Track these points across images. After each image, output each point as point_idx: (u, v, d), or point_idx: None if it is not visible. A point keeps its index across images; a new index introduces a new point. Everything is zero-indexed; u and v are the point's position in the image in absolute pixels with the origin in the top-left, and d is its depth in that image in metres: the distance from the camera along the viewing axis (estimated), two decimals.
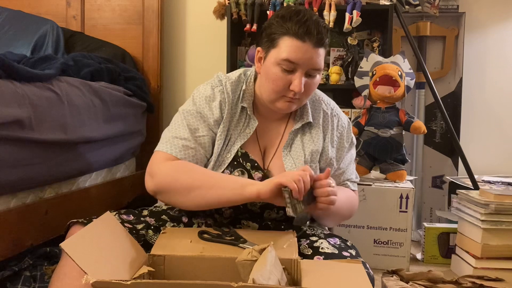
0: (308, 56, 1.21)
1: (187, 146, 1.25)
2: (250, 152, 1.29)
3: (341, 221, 1.43)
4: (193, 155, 1.25)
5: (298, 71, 1.22)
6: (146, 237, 1.22)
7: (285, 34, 1.21)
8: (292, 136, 1.33)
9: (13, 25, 2.33)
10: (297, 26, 1.19)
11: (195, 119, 1.29)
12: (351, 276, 0.99)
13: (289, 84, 1.23)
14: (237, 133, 1.30)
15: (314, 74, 1.25)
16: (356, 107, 2.41)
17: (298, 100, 1.27)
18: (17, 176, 1.37)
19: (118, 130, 1.98)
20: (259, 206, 1.29)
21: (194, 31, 2.74)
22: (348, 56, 2.45)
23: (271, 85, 1.25)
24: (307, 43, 1.20)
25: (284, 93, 1.25)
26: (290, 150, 1.32)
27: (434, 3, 2.46)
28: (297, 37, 1.20)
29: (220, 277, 0.94)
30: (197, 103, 1.30)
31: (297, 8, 1.25)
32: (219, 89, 1.31)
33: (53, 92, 1.54)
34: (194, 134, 1.27)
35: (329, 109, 1.39)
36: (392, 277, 1.60)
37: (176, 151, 1.25)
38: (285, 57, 1.21)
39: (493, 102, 2.61)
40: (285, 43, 1.21)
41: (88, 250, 0.91)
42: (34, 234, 1.48)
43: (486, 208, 1.75)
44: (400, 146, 2.12)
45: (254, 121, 1.31)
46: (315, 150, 1.32)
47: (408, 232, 1.96)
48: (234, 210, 1.30)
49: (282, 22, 1.22)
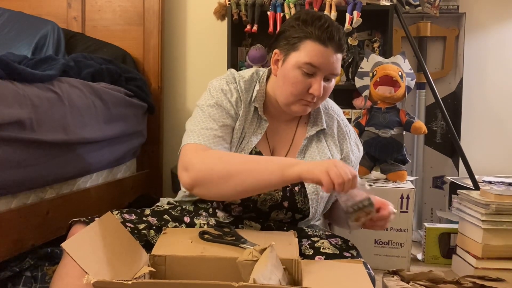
0: (330, 61, 1.22)
1: (216, 135, 1.22)
2: (263, 151, 1.31)
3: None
4: (222, 143, 1.23)
5: (318, 75, 1.23)
6: (148, 237, 1.22)
7: (307, 38, 1.21)
8: (306, 142, 1.34)
9: (14, 26, 2.33)
10: (320, 31, 1.20)
11: (216, 110, 1.26)
12: (352, 276, 0.99)
13: (308, 87, 1.24)
14: (251, 132, 1.30)
15: (331, 78, 1.27)
16: (357, 107, 2.41)
17: (315, 104, 1.28)
18: (18, 177, 1.37)
19: (119, 130, 1.98)
20: (268, 206, 1.29)
21: (194, 31, 2.74)
22: (349, 57, 2.45)
23: (290, 88, 1.25)
24: (329, 48, 1.21)
25: (303, 96, 1.25)
26: (304, 156, 1.32)
27: (434, 3, 2.46)
28: (320, 42, 1.20)
29: (221, 277, 0.94)
30: (215, 96, 1.29)
31: (317, 13, 1.26)
32: (234, 86, 1.31)
33: (54, 93, 1.54)
34: (219, 124, 1.25)
35: (341, 120, 1.40)
36: (393, 278, 1.60)
37: (206, 141, 1.21)
38: (307, 61, 1.21)
39: (494, 102, 2.61)
40: (307, 47, 1.21)
41: (89, 250, 0.91)
42: (35, 235, 1.48)
43: (486, 208, 1.75)
44: (401, 146, 2.12)
45: (265, 122, 1.32)
46: (331, 158, 1.32)
47: (409, 232, 1.95)
48: (243, 209, 1.29)
49: (304, 26, 1.22)
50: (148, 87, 2.41)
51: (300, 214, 1.31)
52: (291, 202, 1.29)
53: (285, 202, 1.29)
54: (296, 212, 1.30)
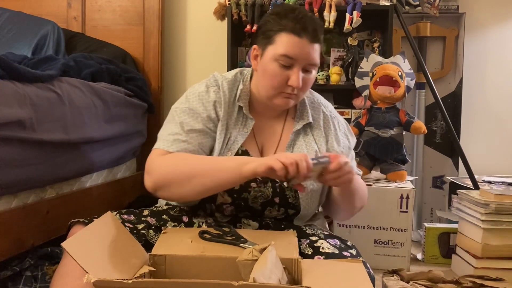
0: (305, 51, 1.23)
1: (179, 140, 1.25)
2: (250, 150, 1.31)
3: (354, 209, 1.39)
4: (185, 148, 1.25)
5: (295, 67, 1.24)
6: (147, 236, 1.22)
7: (282, 30, 1.23)
8: (293, 137, 1.34)
9: (14, 26, 2.33)
10: (293, 22, 1.22)
11: (187, 115, 1.29)
12: (352, 276, 0.99)
13: (287, 79, 1.25)
14: (236, 132, 1.31)
15: (310, 69, 1.27)
16: (357, 107, 2.41)
17: (296, 96, 1.28)
18: (18, 176, 1.37)
19: (119, 130, 1.98)
20: (260, 203, 1.29)
21: (194, 31, 2.75)
22: (349, 57, 2.45)
23: (269, 81, 1.27)
24: (304, 38, 1.22)
25: (283, 89, 1.26)
26: (293, 151, 1.33)
27: (434, 3, 2.46)
28: (294, 33, 1.22)
29: (221, 276, 0.94)
30: (190, 100, 1.31)
31: (292, 5, 1.29)
32: (214, 89, 1.32)
33: (54, 93, 1.54)
34: (185, 128, 1.27)
35: (328, 111, 1.41)
36: (393, 277, 1.61)
37: (168, 145, 1.25)
38: (283, 53, 1.23)
39: (493, 102, 2.61)
40: (282, 39, 1.23)
41: (89, 249, 0.92)
42: (35, 234, 1.48)
43: (486, 208, 1.75)
44: (401, 146, 2.12)
45: (251, 120, 1.33)
46: (319, 151, 1.32)
47: (409, 232, 1.96)
48: (236, 208, 1.30)
49: (279, 19, 1.24)
50: (148, 87, 2.41)
51: (293, 210, 1.31)
52: (282, 197, 1.29)
53: (276, 198, 1.30)
54: (289, 208, 1.31)
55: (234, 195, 1.29)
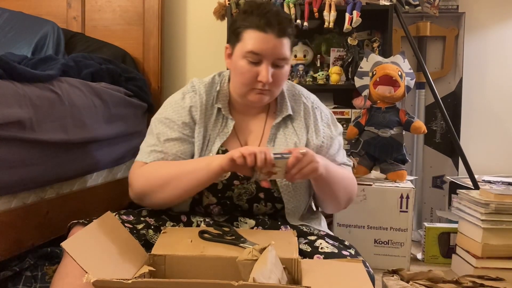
0: (271, 46, 1.24)
1: (155, 151, 1.31)
2: (231, 149, 1.30)
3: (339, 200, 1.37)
4: (161, 158, 1.30)
5: (264, 62, 1.25)
6: (146, 236, 1.22)
7: (248, 27, 1.25)
8: (274, 131, 1.35)
9: (14, 26, 2.33)
10: (258, 18, 1.24)
11: (163, 125, 1.34)
12: (352, 276, 0.99)
13: (257, 75, 1.26)
14: (215, 133, 1.33)
15: (281, 64, 1.27)
16: (357, 107, 2.41)
17: (269, 91, 1.29)
18: (18, 177, 1.37)
19: (118, 130, 1.98)
20: (246, 200, 1.31)
21: (194, 31, 2.75)
22: (348, 56, 2.45)
23: (239, 79, 1.29)
24: (269, 33, 1.23)
25: (253, 85, 1.27)
26: (274, 144, 1.34)
27: (434, 3, 2.46)
28: (259, 29, 1.23)
29: (220, 276, 0.94)
30: (166, 109, 1.37)
31: (259, 2, 1.29)
32: (190, 95, 1.36)
33: (54, 93, 1.54)
34: (161, 139, 1.32)
35: (309, 102, 1.41)
36: (393, 277, 1.61)
37: (145, 157, 1.31)
38: (249, 49, 1.24)
39: (493, 102, 2.61)
40: (248, 35, 1.25)
41: (89, 249, 0.92)
42: (35, 234, 1.48)
43: (486, 207, 1.75)
44: (401, 146, 2.12)
45: (231, 121, 1.34)
46: (299, 142, 1.33)
47: (409, 232, 1.96)
48: (222, 207, 1.32)
49: (245, 16, 1.26)
50: (148, 87, 2.41)
51: (280, 204, 1.32)
52: (266, 192, 1.31)
53: (261, 194, 1.31)
54: (276, 202, 1.32)
55: (219, 195, 1.31)
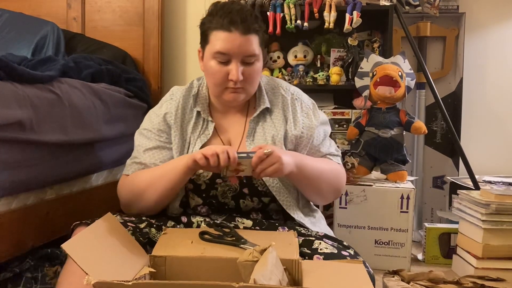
0: (237, 44, 1.25)
1: (134, 162, 1.37)
2: None
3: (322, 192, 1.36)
4: (141, 168, 1.35)
5: (233, 61, 1.27)
6: (149, 234, 1.23)
7: (213, 28, 1.27)
8: (253, 125, 1.36)
9: (13, 27, 2.33)
10: (221, 18, 1.26)
11: (141, 136, 1.39)
12: (352, 276, 0.99)
13: (227, 75, 1.27)
14: (196, 136, 1.35)
15: (250, 61, 1.28)
16: (357, 107, 2.41)
17: (243, 89, 1.30)
18: (18, 178, 1.37)
19: (119, 131, 1.98)
20: (231, 197, 1.32)
21: (194, 32, 2.72)
22: (349, 57, 2.44)
23: (212, 79, 1.31)
24: (234, 32, 1.25)
25: (225, 84, 1.29)
26: (254, 139, 1.35)
27: (434, 3, 2.46)
28: (223, 29, 1.25)
29: (221, 277, 0.94)
30: (145, 120, 1.42)
31: (223, 2, 1.31)
32: (167, 103, 1.40)
33: (54, 94, 1.54)
34: (140, 150, 1.37)
35: (288, 94, 1.40)
36: (393, 278, 1.61)
37: (127, 170, 1.38)
38: (217, 50, 1.26)
39: (494, 102, 2.61)
40: (214, 36, 1.27)
41: (89, 250, 0.92)
42: (35, 235, 1.48)
43: (487, 208, 1.75)
44: (401, 146, 2.12)
45: (211, 123, 1.36)
46: (277, 134, 1.34)
47: (409, 232, 1.95)
48: (209, 207, 1.34)
49: (210, 18, 1.29)
50: (148, 87, 2.41)
51: (267, 197, 1.33)
52: (250, 187, 1.32)
53: (245, 189, 1.32)
54: (261, 196, 1.33)
55: (203, 195, 1.33)
